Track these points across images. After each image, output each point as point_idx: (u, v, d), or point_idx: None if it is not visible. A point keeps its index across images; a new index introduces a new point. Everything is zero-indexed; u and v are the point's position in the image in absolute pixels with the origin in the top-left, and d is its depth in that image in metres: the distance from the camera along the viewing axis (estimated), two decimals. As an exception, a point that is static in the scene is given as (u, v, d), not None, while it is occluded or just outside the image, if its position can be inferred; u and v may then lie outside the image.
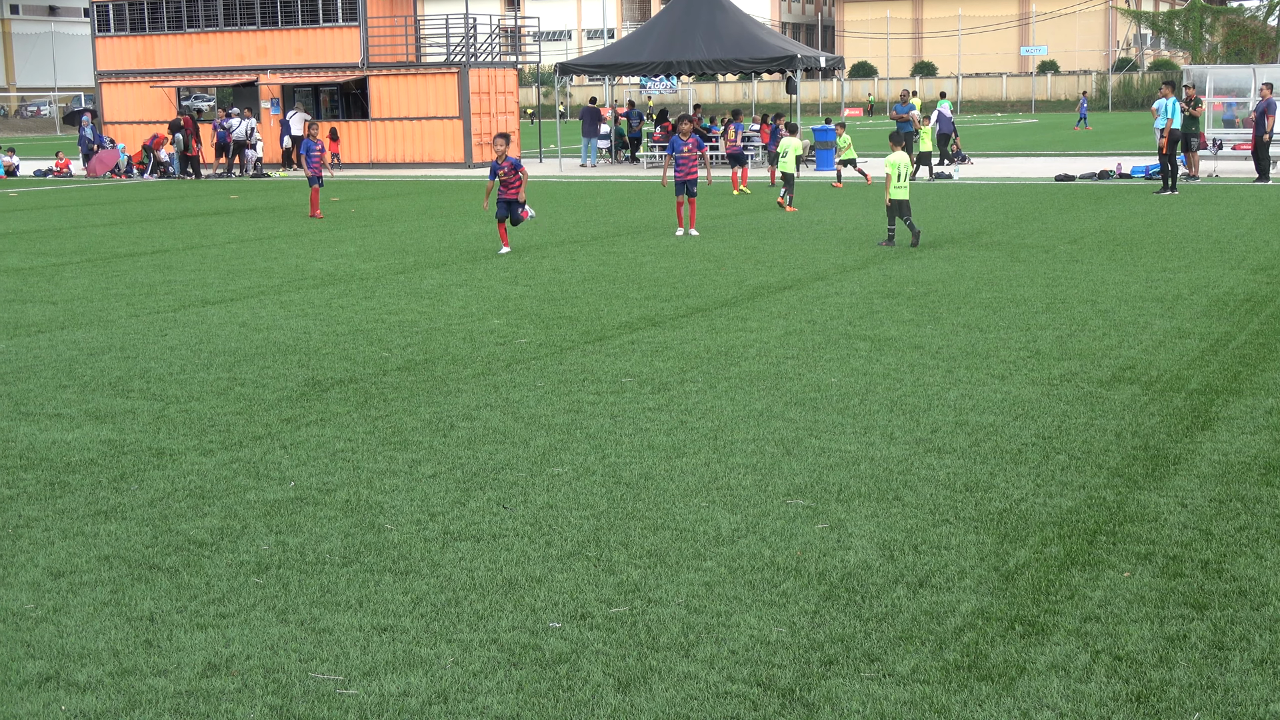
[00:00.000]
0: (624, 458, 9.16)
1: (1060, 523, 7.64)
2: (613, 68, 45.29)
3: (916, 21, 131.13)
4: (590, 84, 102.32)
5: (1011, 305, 15.10)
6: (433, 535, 7.62)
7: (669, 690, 5.63)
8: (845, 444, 9.40)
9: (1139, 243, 20.81)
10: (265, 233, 25.52)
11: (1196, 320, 13.93)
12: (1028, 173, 38.60)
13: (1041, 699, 5.49)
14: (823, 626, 6.25)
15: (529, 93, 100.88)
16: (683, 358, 12.53)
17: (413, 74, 47.07)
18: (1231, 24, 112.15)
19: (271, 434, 9.96)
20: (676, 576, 6.92)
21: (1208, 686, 5.58)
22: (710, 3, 43.81)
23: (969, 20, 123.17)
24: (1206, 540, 7.32)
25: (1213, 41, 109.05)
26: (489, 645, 6.10)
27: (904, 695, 5.55)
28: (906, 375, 11.58)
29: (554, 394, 11.14)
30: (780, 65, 43.10)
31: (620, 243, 22.56)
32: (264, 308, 16.05)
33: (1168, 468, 8.69)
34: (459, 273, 19.03)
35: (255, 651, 6.07)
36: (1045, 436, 9.49)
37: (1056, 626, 6.19)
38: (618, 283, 17.65)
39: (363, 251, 21.97)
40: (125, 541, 7.58)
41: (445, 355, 12.87)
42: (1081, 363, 11.94)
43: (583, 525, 7.76)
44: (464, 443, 9.63)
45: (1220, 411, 10.11)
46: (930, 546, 7.29)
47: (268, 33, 48.35)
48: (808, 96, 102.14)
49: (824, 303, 15.57)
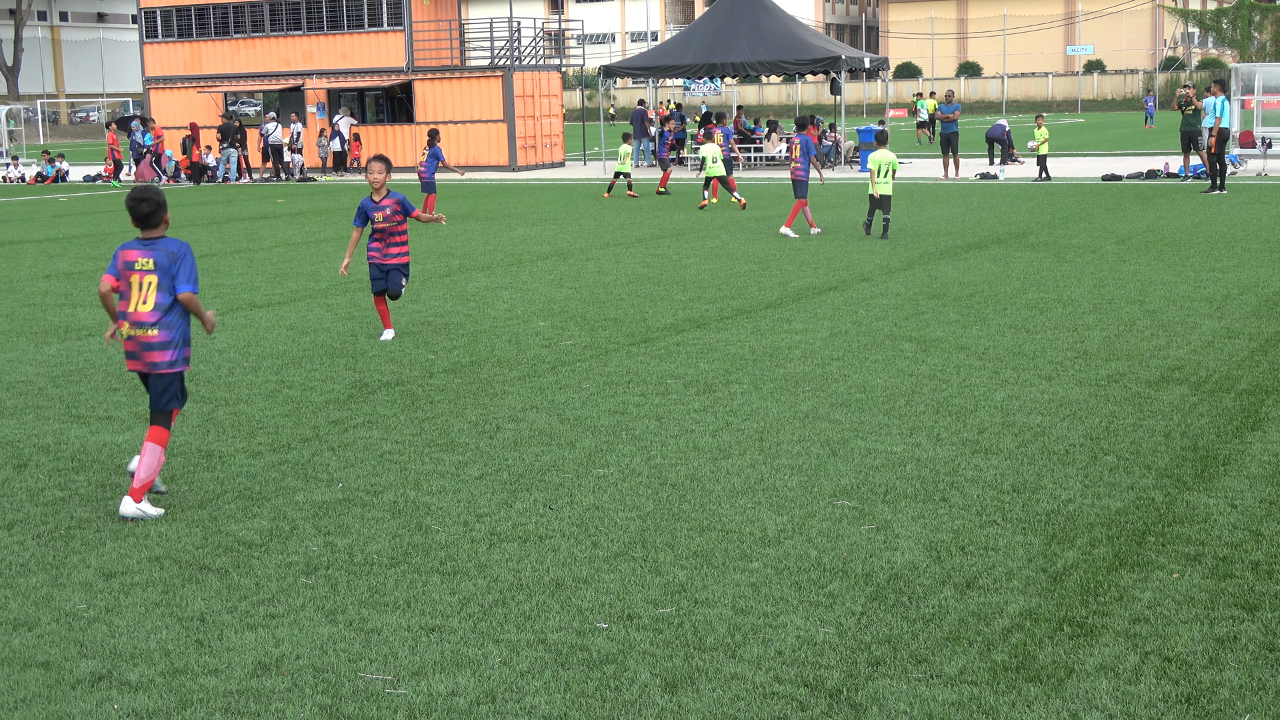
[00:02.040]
0: (670, 459, 9.17)
1: (1109, 524, 7.60)
2: (657, 70, 45.30)
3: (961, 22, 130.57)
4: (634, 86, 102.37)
5: (1058, 306, 15.03)
6: (480, 536, 7.65)
7: (716, 691, 5.64)
8: (891, 445, 9.38)
9: (1187, 242, 20.66)
10: (312, 236, 25.67)
11: (1246, 320, 13.82)
12: (1074, 172, 38.36)
13: (1090, 700, 5.47)
14: (869, 628, 6.24)
15: (573, 95, 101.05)
16: (728, 359, 12.53)
17: (457, 78, 47.23)
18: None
19: (319, 436, 10.02)
20: (723, 577, 6.93)
21: (1258, 688, 5.55)
22: (754, 4, 43.77)
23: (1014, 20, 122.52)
24: (1257, 541, 7.27)
25: (1261, 40, 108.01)
26: (536, 645, 6.12)
27: (951, 696, 5.53)
28: (953, 376, 11.54)
29: (599, 396, 11.16)
30: (824, 66, 43.02)
31: (664, 245, 22.57)
32: (311, 311, 16.14)
33: (1217, 468, 8.63)
34: (504, 275, 19.09)
35: (305, 651, 6.11)
36: (1093, 437, 9.44)
37: (1105, 628, 6.16)
38: (662, 284, 17.66)
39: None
40: (176, 542, 7.65)
41: (491, 357, 12.92)
42: (1129, 363, 11.87)
43: (629, 526, 7.77)
44: (510, 444, 9.66)
45: (1270, 412, 10.03)
46: (977, 548, 7.27)
47: (313, 38, 48.63)
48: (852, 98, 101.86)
49: (869, 304, 15.54)
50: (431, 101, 47.44)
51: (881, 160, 22.50)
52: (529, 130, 47.35)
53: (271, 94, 51.31)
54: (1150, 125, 72.19)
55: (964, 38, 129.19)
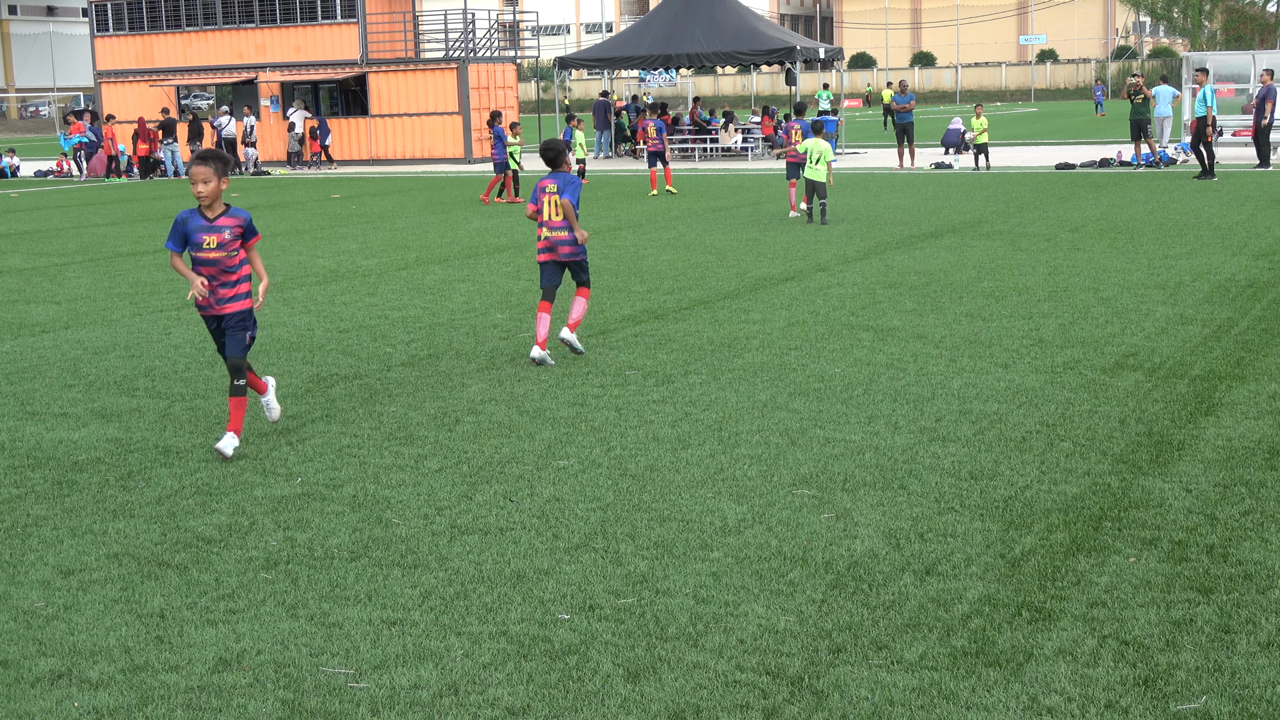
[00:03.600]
0: (629, 450, 9.19)
1: (1065, 509, 7.67)
2: (612, 61, 45.32)
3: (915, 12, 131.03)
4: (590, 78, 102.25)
5: (1014, 294, 15.12)
6: (440, 529, 7.65)
7: (678, 680, 5.66)
8: (850, 434, 9.43)
9: (1140, 230, 20.82)
10: (267, 230, 25.53)
11: (1199, 307, 13.95)
12: (1028, 161, 38.59)
13: (1049, 684, 5.52)
14: (830, 615, 6.27)
15: (528, 87, 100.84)
16: (686, 350, 12.56)
17: (412, 70, 47.08)
18: (1230, 10, 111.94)
19: (277, 431, 9.98)
20: (684, 567, 6.95)
21: (1214, 670, 5.61)
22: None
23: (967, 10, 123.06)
24: (1211, 525, 7.34)
25: (1212, 28, 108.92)
26: (498, 637, 6.13)
27: (912, 682, 5.57)
28: (910, 365, 11.60)
29: (558, 387, 11.16)
30: (779, 57, 43.14)
31: (622, 236, 22.58)
32: (267, 305, 16.07)
33: (1172, 453, 8.71)
34: (461, 268, 19.05)
35: (266, 646, 6.09)
36: (1049, 424, 9.52)
37: (1063, 612, 6.22)
38: (620, 276, 17.67)
39: (364, 248, 22.00)
40: (134, 539, 7.61)
41: (449, 350, 12.90)
42: (1084, 350, 11.96)
43: (589, 517, 7.79)
44: (469, 437, 9.65)
45: (1223, 397, 10.13)
46: (936, 534, 7.32)
47: (266, 30, 48.38)
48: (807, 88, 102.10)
49: (826, 294, 15.59)
50: (386, 94, 47.28)
51: (813, 147, 23.40)
52: (484, 122, 47.22)
53: (224, 87, 51.03)
54: (1101, 113, 73.25)
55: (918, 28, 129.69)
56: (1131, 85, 34.49)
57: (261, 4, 48.32)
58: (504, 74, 48.65)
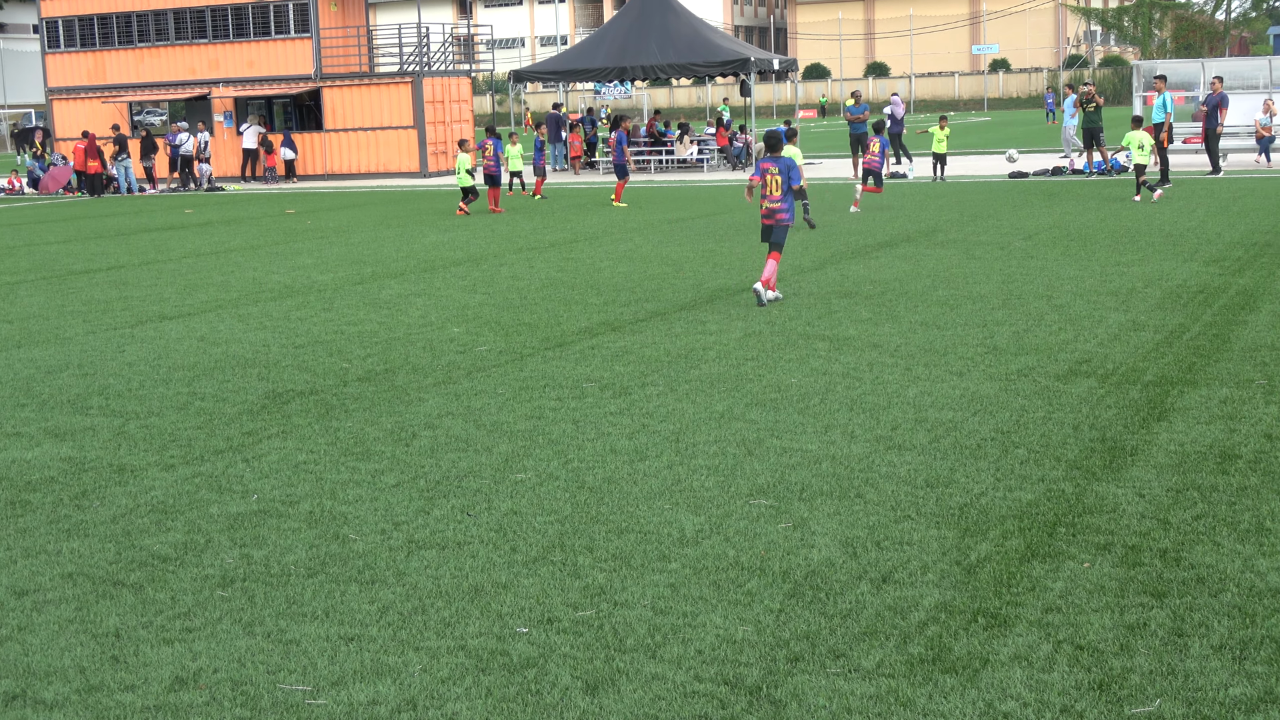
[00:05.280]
0: (587, 462, 9.19)
1: (1020, 516, 7.72)
2: (567, 74, 45.33)
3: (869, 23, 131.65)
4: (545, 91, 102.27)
5: (968, 302, 15.21)
6: (397, 544, 7.63)
7: (637, 691, 5.66)
8: (806, 443, 9.46)
9: (1093, 237, 20.98)
10: (221, 246, 25.43)
11: (1151, 313, 14.07)
12: (981, 170, 38.82)
13: (1005, 689, 5.56)
14: (788, 624, 6.29)
15: (483, 100, 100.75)
16: (643, 362, 12.57)
17: (366, 84, 46.96)
18: (1180, 19, 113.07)
19: (233, 447, 9.94)
20: (642, 579, 6.96)
21: (1168, 673, 5.66)
22: (663, 7, 43.92)
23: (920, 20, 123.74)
24: (1164, 529, 7.41)
25: (1162, 37, 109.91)
26: (456, 652, 6.12)
27: (869, 690, 5.60)
28: (866, 374, 11.66)
29: (515, 401, 11.16)
30: (734, 68, 43.25)
31: (578, 249, 22.59)
32: (222, 321, 16.00)
33: (1125, 459, 8.79)
34: (417, 282, 19.02)
35: (223, 664, 6.07)
36: (1004, 431, 9.58)
37: (1018, 618, 6.26)
38: (576, 288, 17.68)
39: (320, 263, 21.93)
40: (89, 558, 7.56)
41: (406, 365, 12.87)
42: (1038, 357, 12.04)
43: (547, 530, 7.79)
44: (426, 451, 9.64)
45: (1175, 402, 10.23)
46: (892, 542, 7.35)
47: (219, 46, 48.16)
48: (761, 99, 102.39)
49: (782, 304, 15.64)
50: (340, 109, 47.14)
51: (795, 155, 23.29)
52: (439, 136, 47.17)
53: (178, 103, 50.76)
54: (1052, 121, 73.72)
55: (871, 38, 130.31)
56: (1083, 93, 34.82)
57: (214, 19, 48.10)
58: (459, 87, 48.59)
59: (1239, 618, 6.18)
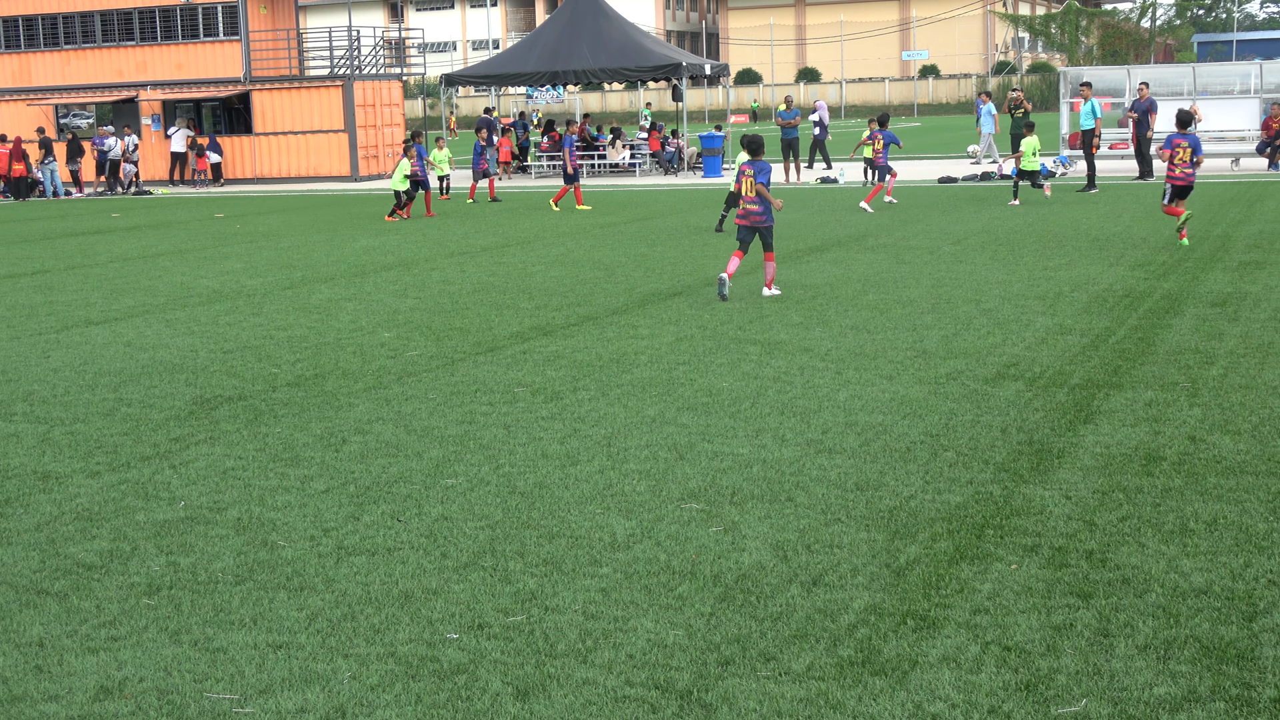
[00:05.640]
0: (518, 467, 9.17)
1: (949, 518, 7.77)
2: (499, 78, 45.24)
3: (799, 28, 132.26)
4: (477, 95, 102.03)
5: (898, 306, 15.31)
6: (327, 551, 7.58)
7: (567, 696, 5.66)
8: (738, 447, 9.49)
9: (1020, 242, 21.18)
10: (149, 250, 25.18)
11: (1077, 317, 14.21)
12: (911, 175, 39.08)
13: (934, 691, 5.59)
14: (719, 628, 6.30)
15: (415, 104, 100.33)
16: (575, 366, 12.56)
17: (296, 88, 46.64)
18: (1106, 26, 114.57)
19: (160, 454, 9.84)
20: (573, 583, 6.95)
21: (1094, 673, 5.72)
22: (595, 12, 43.92)
23: (851, 26, 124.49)
24: (1090, 531, 7.49)
25: (1088, 44, 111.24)
26: (386, 658, 6.09)
27: (799, 693, 5.62)
28: (796, 378, 11.70)
29: (446, 406, 11.11)
30: (666, 73, 43.32)
31: (510, 253, 22.55)
32: (149, 327, 15.84)
33: (1052, 461, 8.87)
34: (348, 287, 18.91)
35: (148, 673, 6.00)
36: (933, 434, 9.64)
37: (947, 620, 6.30)
38: (508, 293, 17.64)
39: (249, 268, 21.75)
40: (12, 567, 7.46)
41: (335, 370, 12.79)
42: (967, 361, 12.14)
43: (478, 536, 7.76)
44: (356, 457, 9.58)
45: (1101, 405, 10.34)
46: (823, 545, 7.39)
47: (147, 48, 47.67)
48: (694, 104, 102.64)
49: (714, 308, 15.68)
50: (270, 112, 46.79)
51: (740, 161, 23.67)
52: (370, 140, 46.92)
53: (105, 106, 50.19)
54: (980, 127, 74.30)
55: (802, 44, 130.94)
56: (1012, 100, 35.23)
57: (142, 21, 47.61)
58: (390, 91, 48.37)
59: (1163, 618, 6.25)
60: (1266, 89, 37.76)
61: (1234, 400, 10.36)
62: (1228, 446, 9.09)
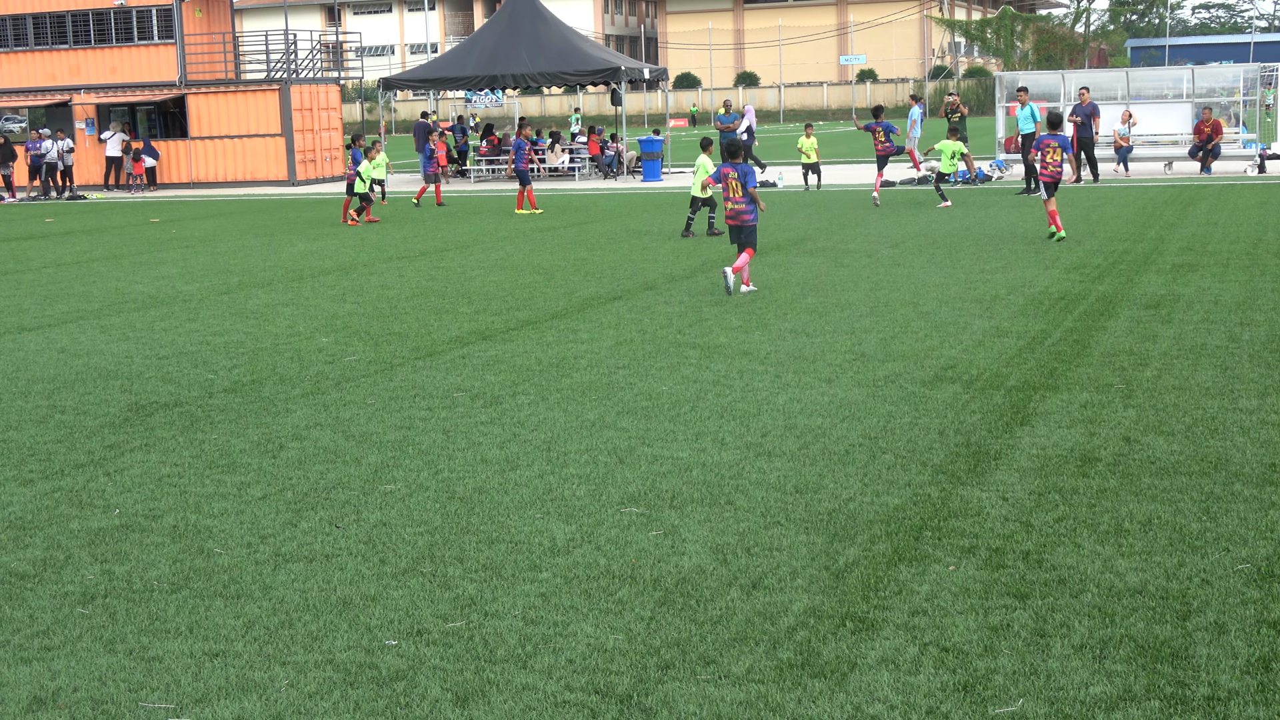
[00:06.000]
0: (457, 472, 9.14)
1: (887, 520, 7.81)
2: (437, 82, 45.11)
3: (738, 33, 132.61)
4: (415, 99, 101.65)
5: (836, 309, 15.38)
6: (264, 558, 7.52)
7: (507, 702, 5.64)
8: (677, 451, 9.50)
9: (957, 245, 21.33)
10: (83, 256, 24.91)
11: (1014, 319, 14.33)
12: (850, 179, 39.30)
13: (873, 693, 5.62)
14: (659, 632, 6.30)
15: (353, 108, 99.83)
16: (514, 370, 12.54)
17: (232, 91, 46.31)
18: (1041, 31, 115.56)
19: (94, 461, 9.73)
20: (513, 589, 6.93)
21: (1031, 673, 5.76)
22: (533, 16, 43.88)
23: (789, 31, 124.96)
24: (1027, 532, 7.54)
25: (1024, 48, 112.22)
26: (324, 666, 6.05)
27: (739, 695, 5.62)
28: (736, 381, 11.73)
29: (385, 411, 11.06)
30: (604, 77, 43.32)
31: (449, 257, 22.48)
32: (83, 333, 15.67)
33: (989, 463, 8.94)
34: (285, 292, 18.79)
35: (83, 683, 5.93)
36: (871, 437, 9.69)
37: (886, 621, 6.33)
38: (447, 297, 17.58)
39: (185, 273, 21.57)
40: (-58, 577, 7.35)
41: (273, 375, 12.70)
42: (905, 364, 12.20)
43: (417, 542, 7.72)
44: (294, 463, 9.52)
45: (1038, 407, 10.42)
46: (762, 549, 7.40)
47: (80, 51, 47.18)
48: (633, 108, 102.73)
49: (653, 312, 15.70)
50: (206, 116, 46.43)
51: (698, 164, 24.77)
52: (308, 144, 46.66)
53: (38, 110, 49.63)
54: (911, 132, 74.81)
55: (741, 48, 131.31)
56: (949, 104, 35.50)
57: (75, 25, 47.11)
58: (327, 95, 48.12)
59: (1099, 617, 6.31)
60: (1198, 93, 38.27)
61: (1168, 401, 10.47)
62: (1162, 447, 9.19)
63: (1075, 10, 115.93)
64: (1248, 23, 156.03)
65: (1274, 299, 15.05)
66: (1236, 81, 38.11)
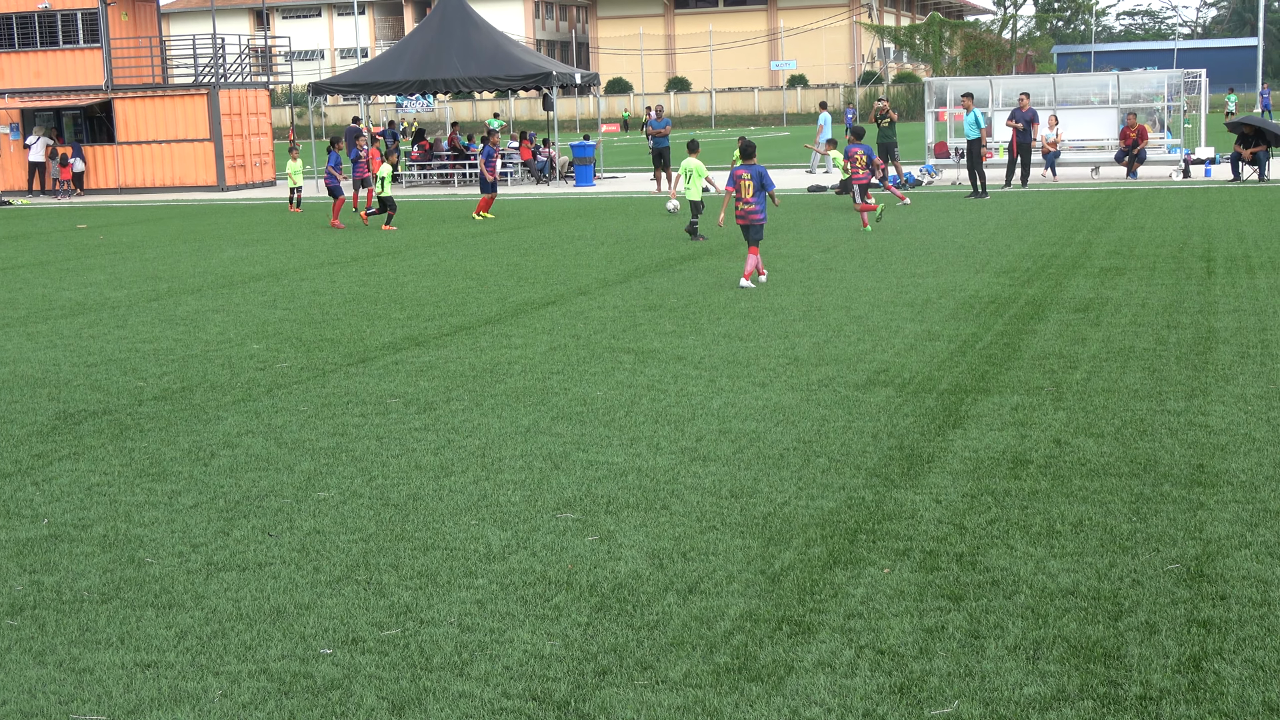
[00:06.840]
0: (391, 479, 9.09)
1: (822, 524, 7.84)
2: (368, 87, 44.85)
3: (669, 38, 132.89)
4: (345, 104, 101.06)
5: (770, 314, 15.43)
6: (196, 567, 7.45)
7: (444, 710, 5.61)
8: (612, 456, 9.49)
9: (889, 250, 21.47)
10: (8, 262, 24.58)
11: (945, 323, 14.43)
12: (781, 184, 39.43)
13: (809, 696, 5.64)
14: (595, 638, 6.30)
15: (282, 113, 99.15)
16: (448, 376, 12.49)
17: (160, 96, 45.86)
18: (969, 37, 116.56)
19: (22, 470, 9.60)
20: (448, 596, 6.90)
21: (966, 675, 5.80)
22: (464, 21, 43.73)
23: (720, 36, 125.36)
24: (960, 534, 7.60)
25: (952, 55, 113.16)
26: (258, 675, 5.99)
27: (677, 700, 5.63)
28: (670, 386, 11.74)
29: (318, 418, 10.98)
30: (536, 82, 43.25)
31: (381, 263, 22.36)
32: (9, 340, 15.45)
33: (922, 466, 8.99)
34: (215, 298, 18.62)
35: (12, 696, 5.85)
36: (805, 441, 9.73)
37: (822, 625, 6.36)
38: (379, 303, 17.49)
39: (113, 279, 21.33)
40: None
41: (203, 382, 12.58)
42: (838, 368, 12.26)
43: (351, 549, 7.67)
44: (226, 471, 9.43)
45: (969, 410, 10.50)
46: (698, 553, 7.41)
47: (3, 55, 46.54)
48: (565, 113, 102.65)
49: (587, 317, 15.69)
50: (133, 121, 45.95)
51: (690, 167, 24.08)
52: (237, 149, 46.27)
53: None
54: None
55: (672, 53, 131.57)
56: (878, 109, 35.75)
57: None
58: (257, 100, 47.75)
59: (1032, 618, 6.36)
60: (1124, 99, 38.72)
61: (1097, 404, 10.58)
62: (1092, 449, 9.29)
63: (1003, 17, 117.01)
64: (1171, 30, 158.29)
65: (1200, 302, 15.25)
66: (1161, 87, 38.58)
